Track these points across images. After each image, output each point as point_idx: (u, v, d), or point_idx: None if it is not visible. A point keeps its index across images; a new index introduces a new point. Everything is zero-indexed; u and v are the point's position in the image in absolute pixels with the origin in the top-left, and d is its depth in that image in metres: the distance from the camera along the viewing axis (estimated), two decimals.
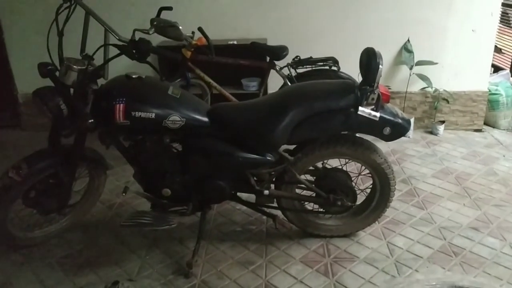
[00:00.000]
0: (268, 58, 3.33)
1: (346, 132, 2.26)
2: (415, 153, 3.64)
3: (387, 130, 2.13)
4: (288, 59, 3.36)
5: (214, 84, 3.42)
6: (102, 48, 2.05)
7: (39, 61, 2.07)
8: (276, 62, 3.35)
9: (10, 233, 2.37)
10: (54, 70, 2.08)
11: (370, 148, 2.27)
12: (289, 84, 3.31)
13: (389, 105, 2.21)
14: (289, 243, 2.51)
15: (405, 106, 4.04)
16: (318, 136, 2.20)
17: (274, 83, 3.65)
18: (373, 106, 2.08)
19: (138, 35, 1.89)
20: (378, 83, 2.05)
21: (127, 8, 3.84)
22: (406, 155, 3.62)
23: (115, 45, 1.92)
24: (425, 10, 3.76)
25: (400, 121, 2.15)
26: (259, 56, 3.37)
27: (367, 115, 2.07)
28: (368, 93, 2.05)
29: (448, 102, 3.97)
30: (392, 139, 2.17)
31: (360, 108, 2.06)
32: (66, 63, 1.99)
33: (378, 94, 2.06)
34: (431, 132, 4.06)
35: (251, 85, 3.83)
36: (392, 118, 2.13)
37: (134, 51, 1.89)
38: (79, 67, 2.01)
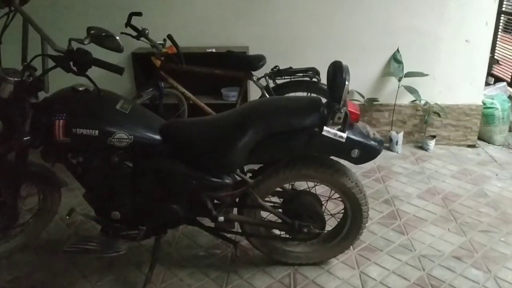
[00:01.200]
0: (245, 68, 3.14)
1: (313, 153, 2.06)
2: (402, 170, 3.43)
3: (355, 153, 1.92)
4: (267, 69, 3.17)
5: (189, 94, 3.24)
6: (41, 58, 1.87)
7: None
8: (254, 72, 3.16)
9: None
10: None
11: (339, 171, 2.07)
12: (267, 95, 3.12)
13: (360, 124, 2.00)
14: (253, 272, 2.31)
15: (393, 119, 3.83)
16: (280, 157, 2.00)
17: (256, 93, 3.47)
18: (339, 126, 1.88)
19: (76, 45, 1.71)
20: (345, 100, 1.84)
21: (104, 12, 3.66)
22: (392, 172, 3.40)
23: (49, 56, 1.74)
24: (416, 19, 3.56)
25: (371, 142, 1.94)
26: (235, 65, 3.18)
27: (332, 136, 1.87)
28: (335, 112, 1.85)
29: (439, 116, 3.75)
30: (361, 162, 1.97)
31: (325, 128, 1.86)
32: (1, 74, 1.81)
33: (346, 113, 1.86)
34: (421, 147, 3.84)
35: (231, 94, 3.64)
36: (361, 139, 1.92)
37: (71, 62, 1.71)
38: (15, 79, 1.82)
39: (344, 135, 1.87)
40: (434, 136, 3.81)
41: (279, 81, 3.18)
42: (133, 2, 3.50)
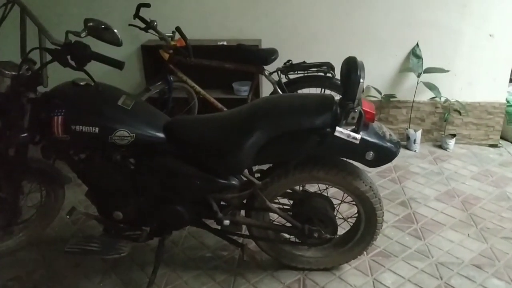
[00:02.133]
0: (256, 62, 3.02)
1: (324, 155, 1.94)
2: (419, 171, 3.28)
3: (370, 155, 1.80)
4: (280, 63, 3.05)
5: (198, 88, 3.14)
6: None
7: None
8: (266, 67, 3.04)
9: None
10: None
11: (353, 173, 1.94)
12: (279, 90, 3.01)
13: (375, 124, 1.87)
14: (261, 275, 2.21)
15: (412, 116, 3.67)
16: (289, 159, 1.89)
17: (268, 87, 3.35)
18: (353, 127, 1.76)
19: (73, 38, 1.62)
20: (359, 99, 1.72)
21: (107, 4, 3.57)
22: (410, 172, 3.26)
23: (46, 49, 1.65)
24: (437, 11, 3.38)
25: (387, 144, 1.82)
26: (246, 59, 3.06)
27: (345, 137, 1.75)
28: (348, 111, 1.73)
29: (460, 113, 3.58)
30: (376, 165, 1.84)
31: (338, 128, 1.74)
32: None
33: (360, 112, 1.73)
34: (440, 146, 3.68)
35: (243, 89, 3.53)
36: (376, 141, 1.80)
37: (69, 56, 1.62)
38: (11, 73, 1.74)
39: (358, 136, 1.75)
40: (454, 135, 3.64)
41: (292, 76, 3.05)
42: None
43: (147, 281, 2.14)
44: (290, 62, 3.02)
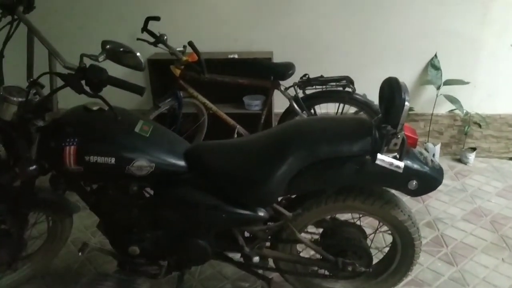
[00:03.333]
0: (271, 77, 2.87)
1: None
2: (442, 188, 3.13)
3: (413, 184, 1.64)
4: (295, 77, 2.90)
5: (210, 104, 2.98)
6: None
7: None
8: (282, 82, 2.89)
9: None
10: None
11: (391, 202, 1.79)
12: (296, 106, 2.86)
13: (416, 149, 1.72)
14: None
15: (430, 129, 3.53)
16: (324, 188, 1.73)
17: (281, 102, 3.20)
18: (395, 154, 1.61)
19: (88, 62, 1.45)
20: (403, 124, 1.57)
21: (114, 18, 3.42)
22: None
23: (58, 74, 1.49)
24: (455, 21, 3.25)
25: (430, 171, 1.66)
26: (261, 74, 2.91)
27: (387, 165, 1.59)
28: (390, 137, 1.58)
29: (480, 126, 3.45)
30: (419, 194, 1.69)
31: (379, 155, 1.59)
32: (2, 94, 1.57)
33: (403, 138, 1.58)
34: (459, 160, 3.54)
35: (254, 104, 3.37)
36: (420, 168, 1.65)
37: (84, 81, 1.45)
38: (18, 99, 1.58)
39: (402, 164, 1.60)
40: (474, 149, 3.50)
41: (308, 91, 2.90)
42: (149, 6, 3.26)
43: None
44: (307, 76, 2.87)
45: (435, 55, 3.35)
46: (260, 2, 3.32)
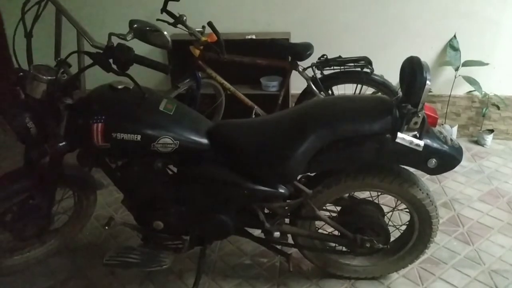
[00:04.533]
0: (289, 57, 2.88)
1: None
2: (458, 169, 3.13)
3: (432, 163, 1.67)
4: (313, 58, 2.90)
5: (228, 85, 3.01)
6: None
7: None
8: (300, 62, 2.90)
9: None
10: (25, 78, 1.72)
11: (410, 181, 1.82)
12: (313, 87, 2.87)
13: (436, 128, 1.74)
14: (305, 285, 2.11)
15: (447, 111, 3.52)
16: (345, 166, 1.77)
17: (298, 82, 3.21)
18: (415, 132, 1.63)
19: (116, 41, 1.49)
20: (423, 103, 1.59)
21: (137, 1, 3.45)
22: None
23: (86, 53, 1.53)
24: (476, 1, 3.21)
25: (449, 150, 1.69)
26: (279, 54, 2.92)
27: (407, 144, 1.62)
28: (410, 116, 1.60)
29: (498, 108, 3.43)
30: (439, 172, 1.72)
31: (399, 134, 1.61)
32: (33, 72, 1.62)
33: (423, 117, 1.61)
34: (476, 142, 3.53)
35: (271, 85, 3.39)
36: (439, 147, 1.67)
37: (111, 60, 1.49)
38: (48, 77, 1.63)
39: (422, 142, 1.62)
40: (491, 130, 3.49)
41: (326, 72, 2.91)
42: None
43: None
44: (325, 56, 2.88)
45: (454, 36, 3.32)
46: None
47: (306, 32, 3.36)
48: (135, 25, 1.52)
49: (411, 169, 1.82)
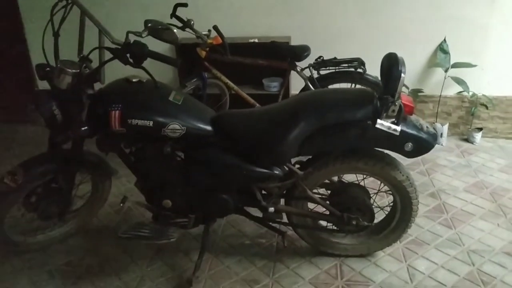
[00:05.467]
0: (288, 58, 3.13)
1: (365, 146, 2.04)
2: (447, 163, 3.35)
3: (409, 146, 1.90)
4: (311, 59, 3.14)
5: (232, 84, 3.25)
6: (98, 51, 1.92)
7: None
8: (298, 63, 3.14)
9: (9, 238, 2.30)
10: (51, 72, 1.97)
11: (391, 164, 2.04)
12: (310, 86, 3.10)
13: (413, 117, 1.97)
14: (299, 262, 2.33)
15: (438, 111, 3.74)
16: (331, 150, 1.99)
17: (297, 83, 3.45)
18: (393, 119, 1.86)
19: (132, 38, 1.74)
20: (399, 93, 1.82)
21: (146, 3, 3.72)
22: (438, 165, 3.33)
23: (107, 48, 1.78)
24: (464, 6, 3.43)
25: (424, 135, 1.91)
26: (279, 55, 3.17)
27: (386, 129, 1.85)
28: (389, 104, 1.83)
29: (487, 107, 3.64)
30: (415, 155, 1.94)
31: (379, 120, 1.84)
32: (60, 66, 1.87)
33: (400, 106, 1.83)
34: (466, 140, 3.74)
35: (273, 85, 3.63)
36: (415, 133, 1.90)
37: (128, 55, 1.74)
38: (73, 70, 1.88)
39: (398, 128, 1.85)
40: (480, 129, 3.70)
41: (323, 72, 3.15)
42: None
43: (191, 265, 2.28)
44: (322, 58, 3.11)
45: (444, 40, 3.54)
46: None
47: (305, 35, 3.59)
48: (149, 24, 1.77)
49: (393, 155, 2.04)
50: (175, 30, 1.74)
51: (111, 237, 2.58)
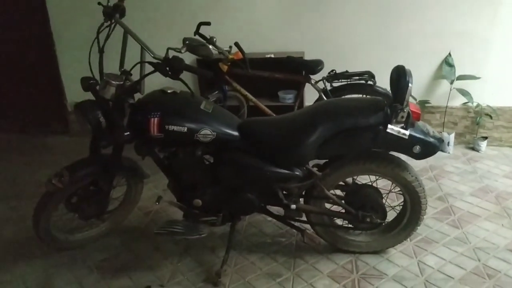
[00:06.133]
0: (303, 72, 3.37)
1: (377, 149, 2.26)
2: (454, 170, 3.55)
3: (417, 149, 2.11)
4: (324, 72, 3.38)
5: (250, 96, 3.49)
6: (139, 65, 2.16)
7: (88, 72, 2.22)
8: (312, 76, 3.38)
9: (53, 235, 2.53)
10: (95, 84, 2.21)
11: (401, 166, 2.25)
12: (324, 97, 3.33)
13: (420, 123, 2.18)
14: (317, 258, 2.52)
15: (445, 121, 3.95)
16: (347, 153, 2.21)
17: (311, 95, 3.69)
18: (402, 124, 2.07)
19: (171, 53, 1.99)
20: (407, 101, 2.03)
21: (169, 23, 4.00)
22: (445, 171, 3.53)
23: (150, 63, 2.02)
24: (468, 22, 3.67)
25: (431, 139, 2.13)
26: (294, 69, 3.41)
27: (396, 133, 2.06)
28: (398, 111, 2.04)
29: (491, 117, 3.84)
30: (422, 157, 2.15)
31: (389, 125, 2.06)
32: (106, 78, 2.11)
33: (408, 112, 2.05)
34: (472, 148, 3.93)
35: (287, 97, 3.87)
36: (422, 137, 2.11)
37: (167, 68, 1.98)
38: (117, 82, 2.12)
39: (407, 132, 2.07)
40: (485, 138, 3.89)
41: (335, 84, 3.38)
42: (199, 14, 3.82)
43: (217, 261, 2.49)
44: (334, 71, 3.35)
45: (449, 54, 3.77)
46: (293, 10, 3.84)
47: (317, 50, 3.84)
48: (187, 42, 2.01)
49: (403, 157, 2.25)
50: (210, 46, 1.99)
51: (142, 236, 2.80)
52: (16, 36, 4.31)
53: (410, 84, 2.00)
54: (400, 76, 2.02)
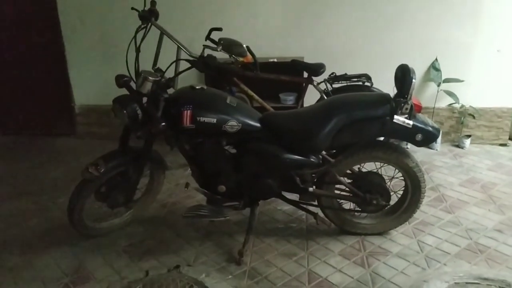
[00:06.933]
0: (306, 74, 3.66)
1: (382, 139, 2.55)
2: (442, 164, 3.88)
3: (419, 137, 2.40)
4: (325, 75, 3.67)
5: (256, 97, 3.75)
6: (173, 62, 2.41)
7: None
8: (314, 78, 3.67)
9: (84, 223, 2.72)
10: (129, 81, 2.44)
11: (404, 153, 2.55)
12: (325, 98, 3.62)
13: (420, 115, 2.49)
14: (328, 239, 2.79)
15: (432, 121, 4.28)
16: (358, 141, 2.49)
17: (310, 97, 3.97)
18: (406, 115, 2.37)
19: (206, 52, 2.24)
20: (411, 95, 2.33)
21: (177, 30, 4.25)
22: (434, 165, 3.86)
23: (187, 60, 2.27)
24: (453, 30, 4.04)
25: (430, 129, 2.43)
26: (297, 72, 3.70)
27: (401, 123, 2.36)
28: (402, 104, 2.34)
29: (474, 117, 4.20)
30: (423, 144, 2.45)
31: (395, 116, 2.35)
32: (143, 75, 2.35)
33: (411, 105, 2.35)
34: (457, 146, 4.29)
35: (288, 99, 4.15)
36: (423, 126, 2.41)
37: (203, 65, 2.23)
38: (154, 79, 2.36)
39: (411, 122, 2.36)
40: (469, 136, 4.25)
41: (335, 85, 3.67)
42: (207, 20, 4.09)
43: (236, 244, 2.73)
44: (334, 74, 3.65)
45: (436, 59, 4.12)
46: (294, 19, 4.15)
47: (316, 55, 4.12)
48: (222, 41, 2.27)
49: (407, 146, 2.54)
50: (244, 46, 2.24)
51: (162, 225, 3.01)
52: (26, 39, 4.49)
53: (414, 80, 2.30)
54: (405, 73, 2.32)
